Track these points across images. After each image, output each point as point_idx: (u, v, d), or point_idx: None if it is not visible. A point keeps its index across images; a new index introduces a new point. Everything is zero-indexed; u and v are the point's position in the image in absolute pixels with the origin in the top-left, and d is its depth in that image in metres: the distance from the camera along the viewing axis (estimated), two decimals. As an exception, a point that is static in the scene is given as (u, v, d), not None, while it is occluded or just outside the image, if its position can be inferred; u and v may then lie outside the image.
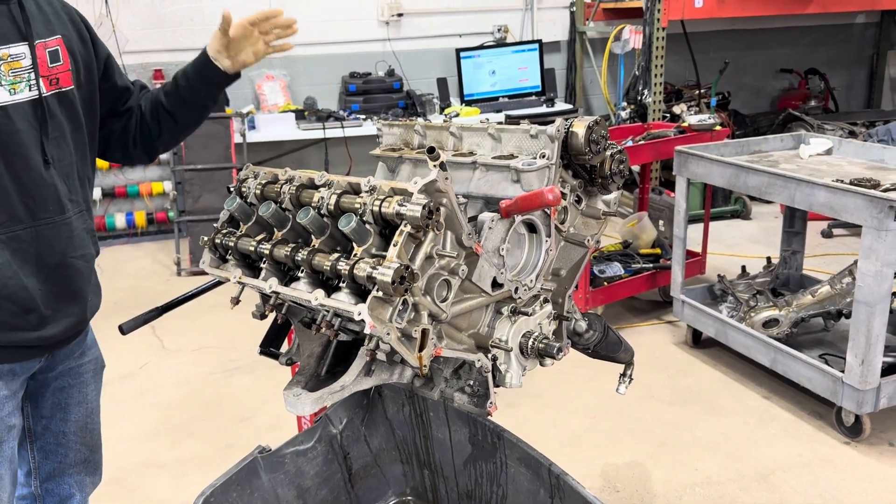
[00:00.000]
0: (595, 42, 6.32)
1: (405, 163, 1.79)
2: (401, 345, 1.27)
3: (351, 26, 5.93)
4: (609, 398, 2.99)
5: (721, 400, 3.22)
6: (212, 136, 5.12)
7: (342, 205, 1.33)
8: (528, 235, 1.54)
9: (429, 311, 1.32)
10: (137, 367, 3.71)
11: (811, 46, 7.11)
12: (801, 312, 3.24)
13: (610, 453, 2.86)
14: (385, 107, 5.64)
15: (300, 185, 1.41)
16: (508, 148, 1.63)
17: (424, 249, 1.29)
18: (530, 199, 1.34)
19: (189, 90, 1.77)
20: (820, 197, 2.76)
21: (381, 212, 1.28)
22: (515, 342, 1.51)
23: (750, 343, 3.21)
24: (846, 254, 4.82)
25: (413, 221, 1.23)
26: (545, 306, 1.58)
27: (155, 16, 5.59)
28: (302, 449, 1.82)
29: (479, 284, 1.42)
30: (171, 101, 1.78)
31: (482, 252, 1.39)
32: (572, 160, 1.57)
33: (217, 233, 1.49)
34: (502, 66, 5.94)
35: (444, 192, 1.30)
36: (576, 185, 1.62)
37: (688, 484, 2.67)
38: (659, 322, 3.97)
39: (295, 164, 6.05)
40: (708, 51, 6.59)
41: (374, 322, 1.22)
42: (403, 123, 1.83)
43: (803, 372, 2.99)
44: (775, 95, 7.19)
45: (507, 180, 1.56)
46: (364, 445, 1.97)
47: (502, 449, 1.72)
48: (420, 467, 2.02)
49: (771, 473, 2.72)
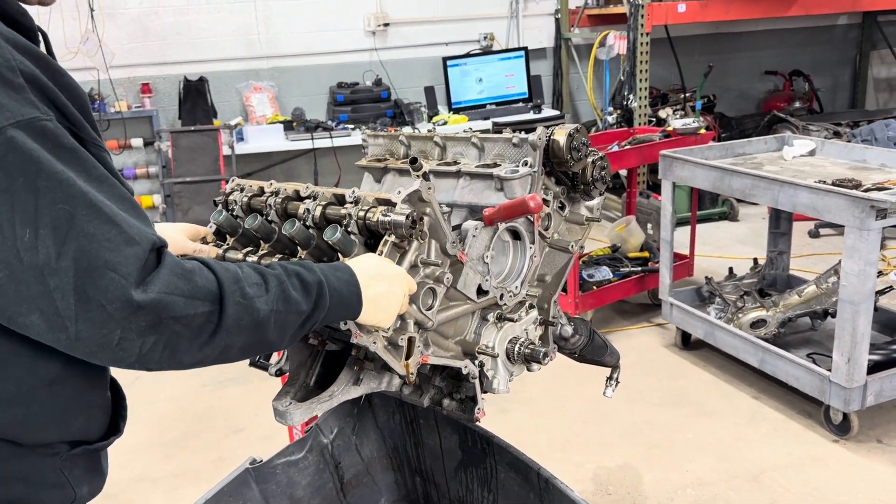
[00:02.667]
0: (580, 48, 6.37)
1: (390, 173, 1.81)
2: (387, 353, 1.29)
3: (337, 37, 5.96)
4: (599, 402, 3.00)
5: (711, 401, 3.25)
6: (200, 148, 5.14)
7: (327, 216, 1.35)
8: (512, 242, 1.56)
9: (415, 319, 1.34)
10: (130, 380, 3.70)
11: (795, 48, 7.19)
12: (787, 312, 3.27)
13: (601, 457, 2.88)
14: (373, 116, 5.66)
15: (286, 196, 1.42)
16: (492, 156, 1.65)
17: (409, 258, 1.31)
18: (513, 207, 1.36)
19: None
20: (803, 198, 2.79)
21: (366, 222, 1.29)
22: (502, 348, 1.52)
23: (738, 344, 3.24)
24: (833, 253, 4.86)
25: (397, 231, 1.25)
26: (531, 312, 1.60)
27: (141, 30, 5.60)
28: (293, 459, 1.83)
29: (464, 292, 1.44)
30: None
31: (467, 260, 1.41)
32: (554, 167, 1.59)
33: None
34: (489, 74, 5.98)
35: (428, 201, 1.32)
36: (559, 191, 1.65)
37: (679, 485, 2.69)
38: (648, 325, 4.00)
39: (284, 174, 6.07)
40: (692, 54, 6.65)
41: (359, 332, 1.23)
42: (388, 134, 1.85)
43: (791, 371, 3.02)
44: (760, 97, 7.25)
45: (490, 188, 1.59)
46: (356, 454, 1.98)
47: (492, 454, 1.74)
48: (412, 474, 2.03)
49: (762, 473, 2.74)
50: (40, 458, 1.06)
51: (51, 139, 0.90)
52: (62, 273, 0.87)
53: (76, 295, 0.88)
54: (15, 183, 0.87)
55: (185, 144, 5.09)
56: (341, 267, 1.18)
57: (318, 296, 1.09)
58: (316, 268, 1.13)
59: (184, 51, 5.70)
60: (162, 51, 5.67)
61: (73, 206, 0.89)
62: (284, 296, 1.05)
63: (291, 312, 1.06)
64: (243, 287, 1.00)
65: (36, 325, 0.90)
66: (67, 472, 1.10)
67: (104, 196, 0.92)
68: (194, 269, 0.97)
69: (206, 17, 5.71)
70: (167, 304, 0.92)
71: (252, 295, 1.00)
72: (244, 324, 0.99)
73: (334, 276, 1.14)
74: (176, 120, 5.62)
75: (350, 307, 1.17)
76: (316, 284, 1.09)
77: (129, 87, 5.64)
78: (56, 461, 1.08)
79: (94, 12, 5.26)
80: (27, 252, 0.87)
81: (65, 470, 1.09)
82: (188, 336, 0.94)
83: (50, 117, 0.91)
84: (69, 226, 0.88)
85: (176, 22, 5.66)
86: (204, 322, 0.95)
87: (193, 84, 5.53)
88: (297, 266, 1.11)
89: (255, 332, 1.02)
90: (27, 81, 0.90)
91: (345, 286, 1.15)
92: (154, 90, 5.65)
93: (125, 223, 0.92)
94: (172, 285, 0.93)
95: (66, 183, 0.89)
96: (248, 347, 1.03)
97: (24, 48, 0.93)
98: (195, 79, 5.55)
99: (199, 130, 5.19)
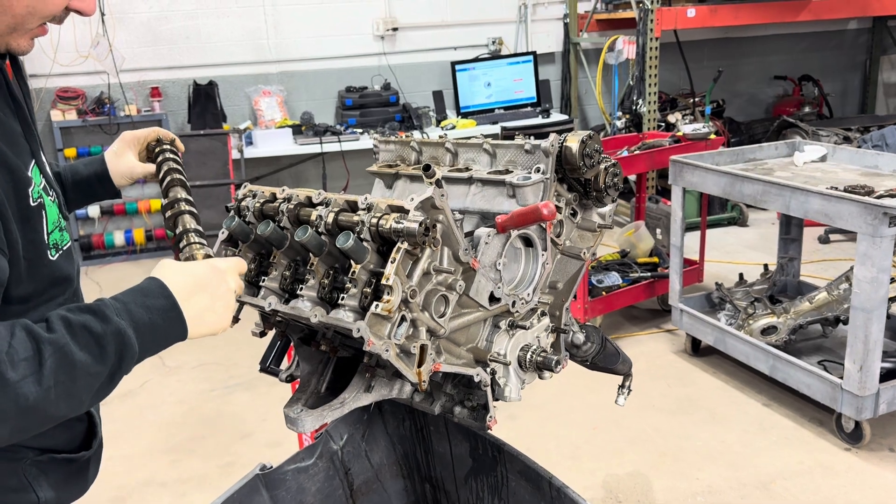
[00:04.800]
0: (589, 53, 6.36)
1: (401, 179, 1.80)
2: (399, 361, 1.28)
3: (346, 41, 5.97)
4: (609, 409, 3.00)
5: (721, 408, 3.23)
6: (209, 152, 5.15)
7: (340, 222, 1.35)
8: (524, 249, 1.55)
9: (427, 326, 1.33)
10: (138, 385, 3.71)
11: (804, 53, 7.16)
12: (798, 319, 3.24)
13: (611, 464, 2.86)
14: (381, 120, 5.67)
15: (298, 203, 1.42)
16: (504, 163, 1.65)
17: (422, 265, 1.30)
18: (526, 215, 1.35)
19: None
20: (815, 204, 2.78)
21: (379, 229, 1.29)
22: (514, 356, 1.51)
23: (749, 350, 3.22)
24: (843, 259, 4.83)
25: (410, 238, 1.25)
26: (542, 319, 1.59)
27: (151, 34, 5.62)
28: (303, 466, 1.82)
29: (476, 299, 1.43)
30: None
31: (479, 267, 1.40)
32: (567, 174, 1.58)
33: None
34: (497, 78, 5.98)
35: (441, 208, 1.31)
36: (571, 198, 1.64)
37: (689, 493, 2.68)
38: (658, 331, 3.98)
39: (292, 178, 6.09)
40: (701, 59, 6.64)
41: (372, 339, 1.23)
42: (399, 140, 1.84)
43: (802, 379, 2.99)
44: (770, 102, 7.23)
45: (502, 195, 1.58)
46: (365, 461, 1.97)
47: (503, 462, 1.72)
48: (422, 481, 2.02)
49: (772, 482, 2.72)
50: (2, 462, 1.05)
51: None
52: None
53: None
54: None
55: (194, 148, 5.09)
56: (152, 290, 1.02)
57: (119, 346, 0.94)
58: (111, 309, 0.97)
59: (193, 55, 5.73)
60: (171, 55, 5.69)
61: None
62: (67, 363, 0.89)
63: (82, 377, 0.91)
64: (2, 370, 0.85)
65: None
66: (31, 478, 1.08)
67: None
68: None
69: (215, 21, 5.73)
70: None
71: (14, 380, 0.85)
72: (8, 412, 0.85)
73: (143, 306, 1.00)
74: (185, 124, 5.64)
75: (173, 333, 1.03)
76: (113, 335, 0.94)
77: (139, 91, 5.66)
78: (20, 466, 1.06)
79: (105, 17, 5.29)
80: None
81: (28, 475, 1.07)
82: None
83: None
84: None
85: (185, 26, 5.68)
86: None
87: (203, 88, 5.54)
88: (85, 316, 0.94)
89: (26, 417, 0.87)
90: None
91: (159, 315, 1.00)
92: (164, 94, 5.66)
93: None
94: None
95: None
96: (23, 430, 0.89)
97: None
98: (205, 83, 5.57)
99: (209, 134, 5.21)
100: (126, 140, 1.55)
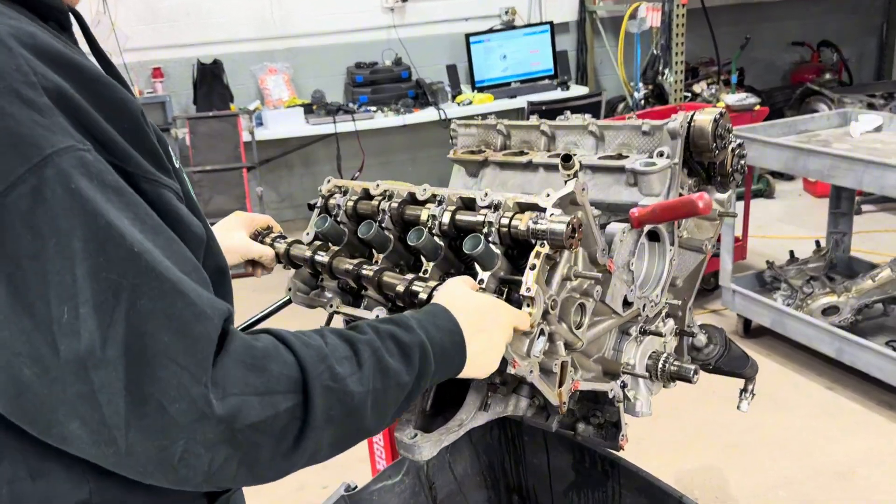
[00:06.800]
0: (605, 21, 6.13)
1: (489, 166, 1.62)
2: (542, 382, 1.11)
3: (353, 14, 5.71)
4: (665, 398, 2.85)
5: (781, 393, 3.09)
6: (219, 135, 4.91)
7: (458, 223, 1.17)
8: (648, 245, 1.38)
9: (565, 339, 1.16)
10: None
11: (820, 17, 6.96)
12: (862, 298, 3.10)
13: (677, 458, 2.72)
14: (394, 97, 5.44)
15: (402, 200, 1.24)
16: (615, 146, 1.47)
17: (560, 271, 1.12)
18: (675, 208, 1.17)
19: None
20: (892, 179, 2.61)
21: (511, 230, 1.11)
22: (643, 365, 1.35)
23: (811, 332, 3.07)
24: (880, 231, 4.70)
25: (555, 241, 1.07)
26: (667, 322, 1.42)
27: (149, 11, 5.35)
28: (389, 484, 1.67)
29: (610, 305, 1.26)
30: None
31: (615, 269, 1.23)
32: (691, 156, 1.41)
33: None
34: (513, 50, 5.75)
35: (581, 205, 1.13)
36: (692, 184, 1.46)
37: (766, 486, 2.54)
38: (703, 311, 3.82)
39: (302, 160, 5.86)
40: (720, 26, 6.41)
41: (517, 359, 1.06)
42: (482, 123, 1.66)
43: (872, 361, 2.85)
44: (787, 69, 7.04)
45: (619, 183, 1.40)
46: (449, 473, 1.82)
47: (615, 477, 1.57)
48: (508, 492, 1.87)
49: (850, 471, 2.59)
50: None
51: (92, 178, 0.67)
52: (109, 366, 0.65)
53: (127, 394, 0.65)
54: (47, 246, 0.64)
55: (203, 131, 4.86)
56: (439, 313, 0.93)
57: (421, 360, 0.86)
58: (412, 321, 0.88)
59: (194, 32, 5.45)
60: (172, 33, 5.42)
61: (123, 273, 0.66)
62: (382, 368, 0.81)
63: (391, 388, 0.82)
64: (332, 366, 0.77)
65: (77, 437, 0.67)
66: None
67: (163, 254, 0.69)
68: (268, 352, 0.74)
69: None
70: (240, 408, 0.69)
71: (343, 375, 0.77)
72: (335, 414, 0.77)
73: (433, 326, 0.90)
74: (189, 105, 5.39)
75: (455, 363, 0.93)
76: (417, 346, 0.86)
77: (140, 72, 5.40)
78: None
79: (103, -7, 5.02)
80: (65, 339, 0.64)
81: None
82: (269, 444, 0.73)
83: (87, 147, 0.68)
84: (116, 300, 0.65)
85: (185, 2, 5.41)
86: (287, 422, 0.73)
87: (208, 67, 5.30)
88: (389, 325, 0.87)
89: (349, 423, 0.79)
90: (54, 101, 0.67)
91: (448, 338, 0.91)
92: (166, 74, 5.41)
93: (193, 292, 0.69)
94: (244, 381, 0.70)
95: (113, 241, 0.66)
96: (339, 443, 0.80)
97: (47, 52, 0.69)
98: (208, 62, 5.32)
99: (218, 116, 4.97)
100: (243, 219, 1.39)
